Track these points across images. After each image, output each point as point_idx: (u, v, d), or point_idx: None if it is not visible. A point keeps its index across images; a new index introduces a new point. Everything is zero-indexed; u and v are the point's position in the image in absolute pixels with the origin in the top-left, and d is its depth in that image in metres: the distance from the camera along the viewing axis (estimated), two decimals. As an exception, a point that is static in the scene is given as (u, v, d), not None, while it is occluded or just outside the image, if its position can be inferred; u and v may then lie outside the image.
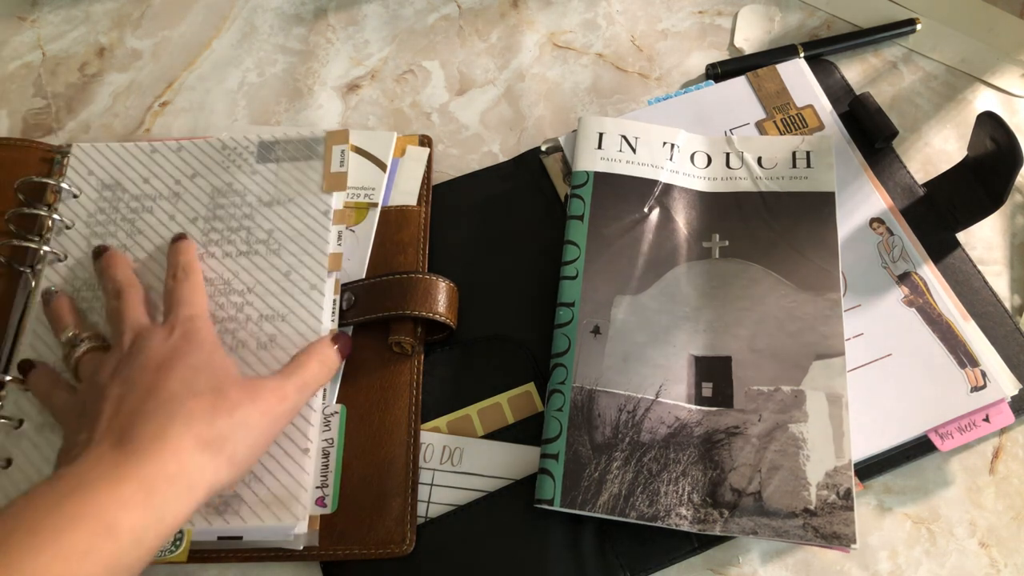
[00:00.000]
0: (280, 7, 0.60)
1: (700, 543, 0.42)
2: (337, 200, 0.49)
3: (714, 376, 0.44)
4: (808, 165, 0.49)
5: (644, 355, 0.44)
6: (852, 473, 0.40)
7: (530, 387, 0.46)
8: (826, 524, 0.39)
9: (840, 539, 0.39)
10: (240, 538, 0.41)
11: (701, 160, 0.50)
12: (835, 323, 0.44)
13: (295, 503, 0.40)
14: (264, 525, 0.40)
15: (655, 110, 0.53)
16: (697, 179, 0.49)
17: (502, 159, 0.53)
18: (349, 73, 0.57)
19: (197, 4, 0.60)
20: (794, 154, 0.49)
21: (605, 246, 0.46)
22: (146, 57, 0.58)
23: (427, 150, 0.52)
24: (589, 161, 0.49)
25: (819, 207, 0.47)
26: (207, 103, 0.56)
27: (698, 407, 0.43)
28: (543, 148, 0.52)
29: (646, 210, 0.48)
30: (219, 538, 0.41)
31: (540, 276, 0.48)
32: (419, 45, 0.59)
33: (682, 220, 0.48)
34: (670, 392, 0.43)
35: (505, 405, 0.45)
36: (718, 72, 0.55)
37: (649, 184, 0.49)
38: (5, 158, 0.51)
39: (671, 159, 0.49)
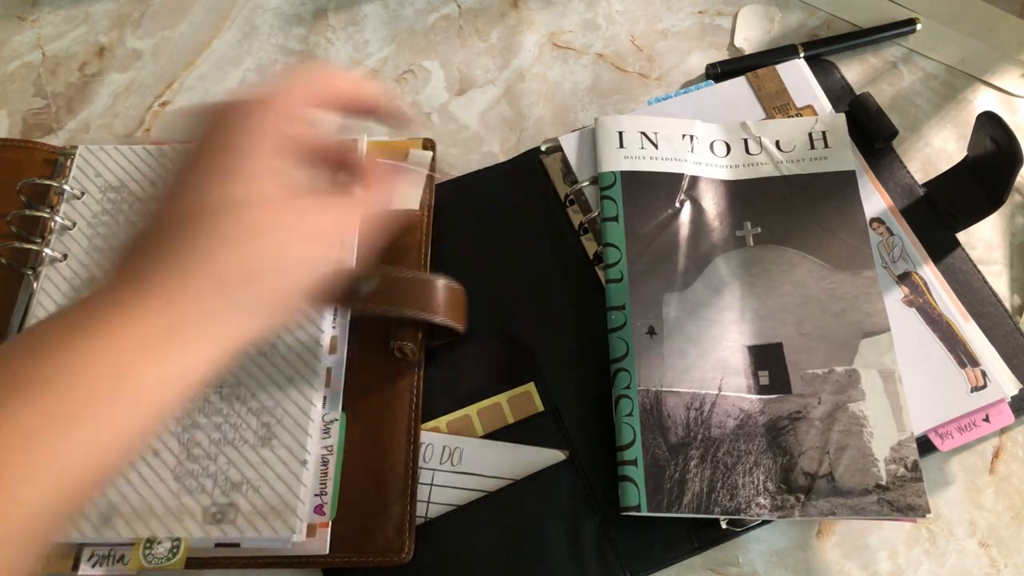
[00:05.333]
0: (280, 7, 0.60)
1: (700, 543, 0.42)
2: None
3: (768, 364, 0.44)
4: (826, 145, 0.49)
5: (700, 351, 0.44)
6: (915, 445, 0.41)
7: (530, 387, 0.46)
8: (900, 497, 0.40)
9: (915, 510, 0.40)
10: (237, 545, 0.41)
11: (720, 149, 0.50)
12: (876, 300, 0.45)
13: (291, 515, 0.40)
14: (260, 536, 0.40)
15: (655, 110, 0.52)
16: (720, 168, 0.50)
17: (502, 159, 0.53)
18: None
19: (197, 4, 0.60)
20: (810, 135, 0.50)
21: (645, 245, 0.46)
22: (146, 57, 0.58)
23: (430, 154, 0.52)
24: (614, 161, 0.49)
25: (842, 186, 0.48)
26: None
27: (759, 396, 0.43)
28: (543, 148, 0.52)
29: (677, 204, 0.48)
30: (216, 545, 0.41)
31: (540, 276, 0.48)
32: (419, 45, 0.59)
33: (713, 211, 0.48)
34: (731, 384, 0.43)
35: (505, 405, 0.45)
36: (718, 72, 0.55)
37: (676, 178, 0.49)
38: (8, 159, 0.51)
39: (692, 151, 0.50)
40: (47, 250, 0.47)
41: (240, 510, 0.40)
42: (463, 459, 0.44)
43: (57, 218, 0.48)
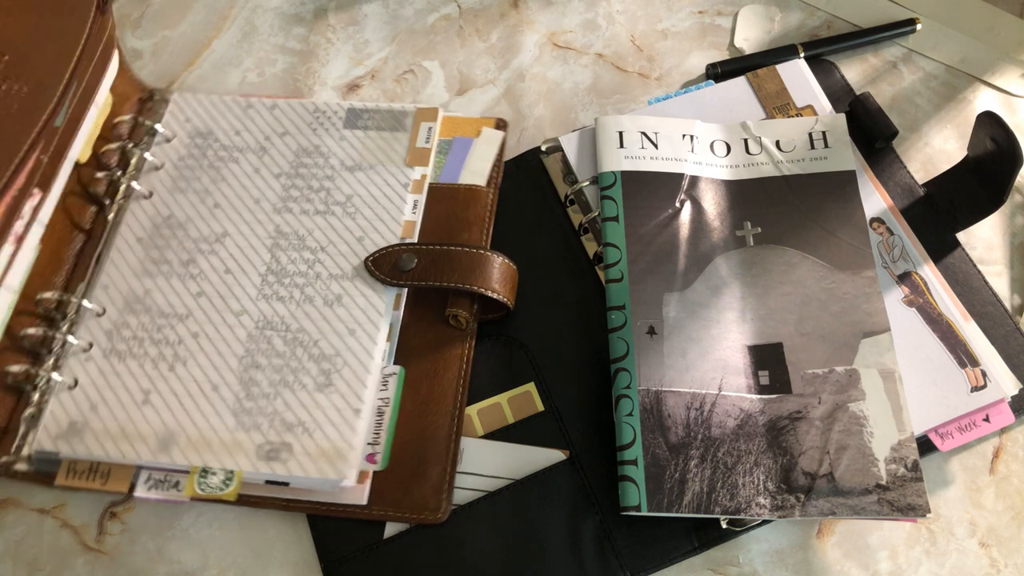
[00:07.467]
0: (280, 7, 0.60)
1: (700, 543, 0.42)
2: (416, 172, 0.50)
3: (768, 363, 0.44)
4: (826, 145, 0.49)
5: (701, 350, 0.44)
6: (915, 445, 0.41)
7: (530, 387, 0.46)
8: (900, 497, 0.40)
9: (915, 510, 0.40)
10: (287, 484, 0.42)
11: (721, 149, 0.50)
12: (876, 300, 0.45)
13: (342, 460, 0.41)
14: (310, 477, 0.41)
15: (655, 110, 0.53)
16: (720, 168, 0.50)
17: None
18: (349, 73, 0.57)
19: (197, 4, 0.60)
20: (810, 135, 0.50)
21: (645, 245, 0.47)
22: (146, 57, 0.58)
23: (502, 134, 0.53)
24: (614, 161, 0.49)
25: (842, 186, 0.48)
26: (207, 103, 0.56)
27: (759, 396, 0.43)
28: (543, 148, 0.52)
29: (678, 204, 0.48)
30: (267, 482, 0.42)
31: (539, 275, 0.48)
32: (419, 45, 0.59)
33: (713, 211, 0.48)
34: (731, 384, 0.43)
35: (505, 405, 0.45)
36: (718, 72, 0.55)
37: (676, 178, 0.49)
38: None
39: (692, 151, 0.50)
40: (134, 184, 0.49)
41: (293, 451, 0.41)
42: (463, 459, 0.44)
43: (147, 156, 0.50)
